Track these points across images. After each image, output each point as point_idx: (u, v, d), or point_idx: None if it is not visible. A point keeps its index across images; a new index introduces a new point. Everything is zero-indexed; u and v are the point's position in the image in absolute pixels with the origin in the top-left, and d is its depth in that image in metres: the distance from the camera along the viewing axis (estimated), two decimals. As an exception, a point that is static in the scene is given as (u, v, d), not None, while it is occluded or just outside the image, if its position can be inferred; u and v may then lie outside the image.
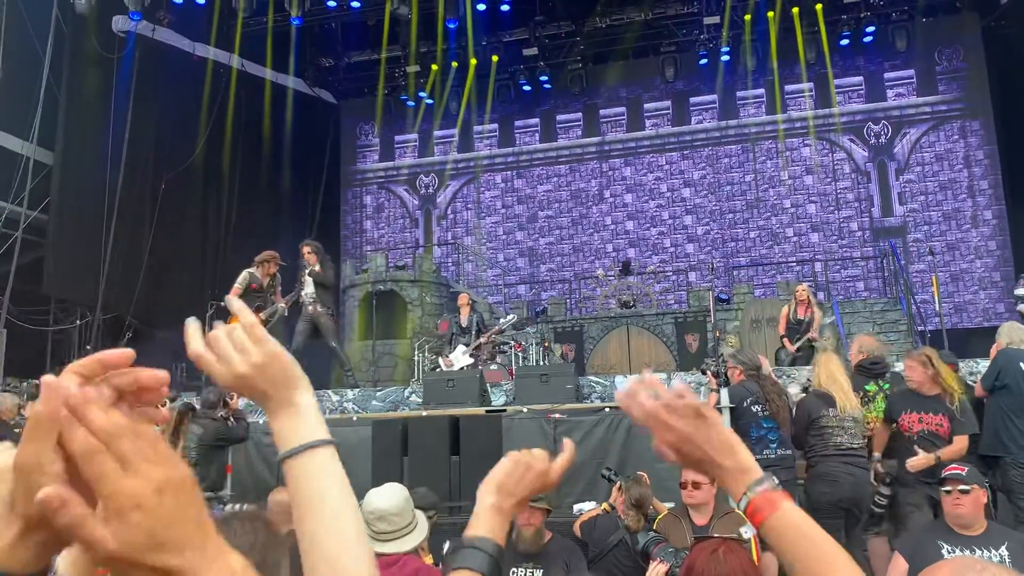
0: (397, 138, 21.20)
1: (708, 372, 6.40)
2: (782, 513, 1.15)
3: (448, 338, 10.47)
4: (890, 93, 18.50)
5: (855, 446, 5.61)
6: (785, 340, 9.64)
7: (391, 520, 2.54)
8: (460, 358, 10.22)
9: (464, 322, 10.40)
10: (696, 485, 4.57)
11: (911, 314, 13.96)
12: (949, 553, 3.78)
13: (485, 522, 1.33)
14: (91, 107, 14.88)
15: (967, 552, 3.73)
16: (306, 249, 9.93)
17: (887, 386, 5.98)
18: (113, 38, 15.42)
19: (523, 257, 19.89)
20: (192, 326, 1.13)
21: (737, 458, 1.20)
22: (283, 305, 9.53)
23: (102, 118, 14.89)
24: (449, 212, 20.77)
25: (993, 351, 6.10)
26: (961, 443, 5.36)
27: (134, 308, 15.01)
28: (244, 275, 9.68)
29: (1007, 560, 3.69)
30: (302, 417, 1.11)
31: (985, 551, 3.75)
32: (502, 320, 11.04)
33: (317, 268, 9.73)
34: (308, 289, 9.73)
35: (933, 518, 5.10)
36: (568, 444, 1.37)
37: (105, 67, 15.13)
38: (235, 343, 1.11)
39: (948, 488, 3.96)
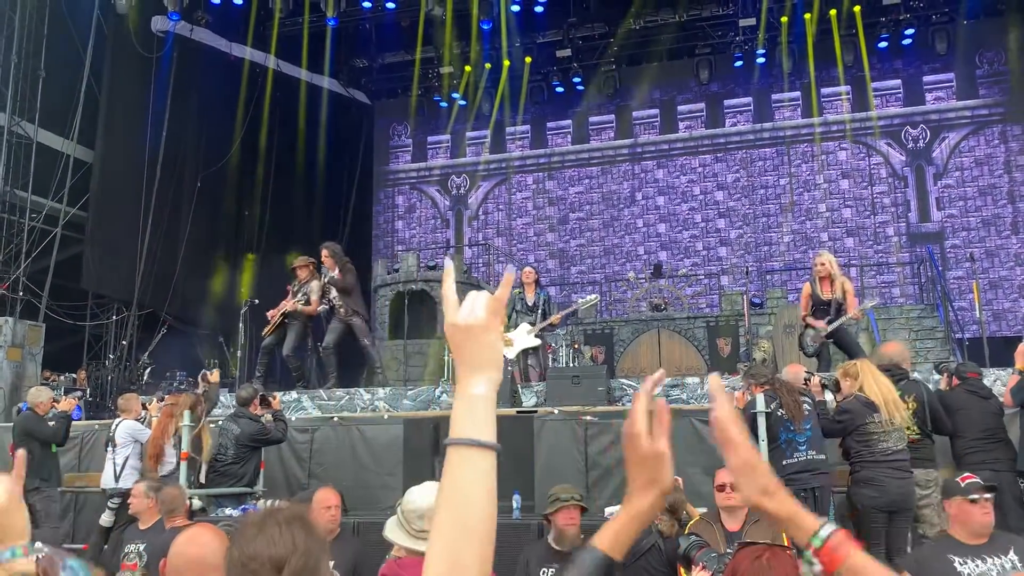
0: (430, 139, 21.26)
1: (810, 380, 6.24)
2: (851, 559, 1.16)
3: (508, 314, 9.70)
4: (929, 96, 18.22)
5: (899, 449, 5.58)
6: (809, 319, 8.26)
7: (431, 518, 2.53)
8: (523, 338, 9.45)
9: (530, 300, 9.57)
10: (735, 487, 4.52)
11: (948, 321, 13.72)
12: (961, 566, 3.70)
13: (605, 529, 1.27)
14: (130, 106, 15.11)
15: (978, 562, 3.66)
16: (324, 252, 9.81)
17: (900, 393, 5.91)
18: (152, 38, 15.63)
19: (553, 259, 19.85)
20: (450, 264, 1.35)
21: (785, 504, 1.21)
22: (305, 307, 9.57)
23: (141, 117, 15.11)
24: (480, 213, 20.78)
25: (1018, 356, 6.03)
26: None
27: (169, 304, 15.20)
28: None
29: (1018, 565, 3.62)
30: (477, 410, 1.19)
31: (995, 558, 3.68)
32: (580, 300, 10.07)
33: (335, 273, 9.66)
34: (333, 293, 9.73)
35: None
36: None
37: (144, 66, 15.35)
38: (474, 301, 1.26)
39: (976, 497, 3.81)
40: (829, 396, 6.35)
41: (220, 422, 7.37)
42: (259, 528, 1.52)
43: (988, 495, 3.79)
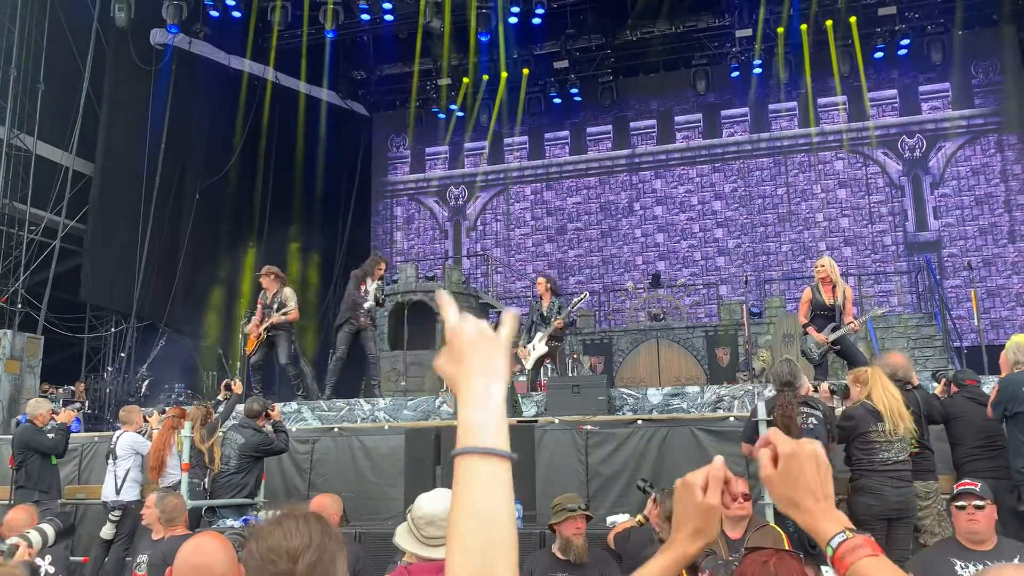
0: (428, 150, 21.32)
1: (821, 387, 6.29)
2: (856, 567, 1.18)
3: (528, 326, 9.77)
4: (925, 106, 18.31)
5: (900, 459, 5.57)
6: (810, 329, 8.00)
7: (440, 525, 2.54)
8: (538, 346, 9.58)
9: (546, 310, 9.62)
10: (746, 496, 4.55)
11: (946, 330, 13.75)
12: (963, 570, 3.73)
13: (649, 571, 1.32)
14: (129, 118, 15.15)
15: (980, 567, 3.68)
16: (383, 263, 10.19)
17: None
18: (151, 51, 15.69)
19: (552, 269, 19.86)
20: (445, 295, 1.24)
21: (828, 502, 1.24)
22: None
23: (140, 129, 15.15)
24: (479, 224, 20.82)
25: (1002, 362, 6.02)
26: None
27: (167, 316, 15.19)
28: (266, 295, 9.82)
29: None
30: (500, 419, 1.14)
31: None
32: (575, 299, 10.46)
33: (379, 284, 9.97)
34: (368, 303, 9.87)
35: None
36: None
37: (143, 79, 15.41)
38: (477, 320, 1.18)
39: (962, 503, 3.90)
40: (836, 401, 6.37)
41: (224, 432, 7.38)
42: (277, 523, 1.58)
43: (977, 502, 3.82)
